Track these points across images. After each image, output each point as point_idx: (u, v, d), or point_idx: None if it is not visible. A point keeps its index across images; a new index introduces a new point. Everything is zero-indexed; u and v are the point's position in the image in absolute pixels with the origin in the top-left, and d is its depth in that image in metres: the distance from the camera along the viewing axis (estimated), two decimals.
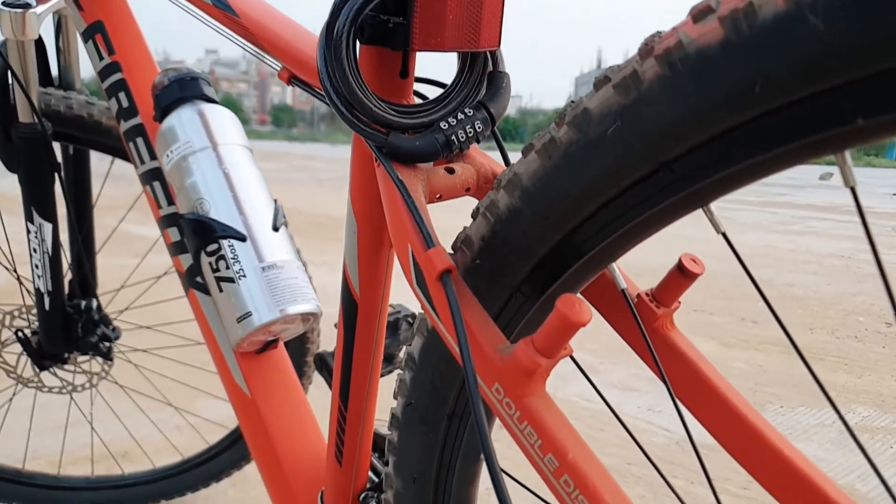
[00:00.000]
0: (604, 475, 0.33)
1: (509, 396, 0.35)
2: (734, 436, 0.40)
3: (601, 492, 0.32)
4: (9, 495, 1.32)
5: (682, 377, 0.41)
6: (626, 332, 0.43)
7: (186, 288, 0.74)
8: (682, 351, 0.42)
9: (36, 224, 1.02)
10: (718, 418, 0.40)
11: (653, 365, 0.42)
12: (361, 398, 0.58)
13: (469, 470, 0.50)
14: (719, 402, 0.40)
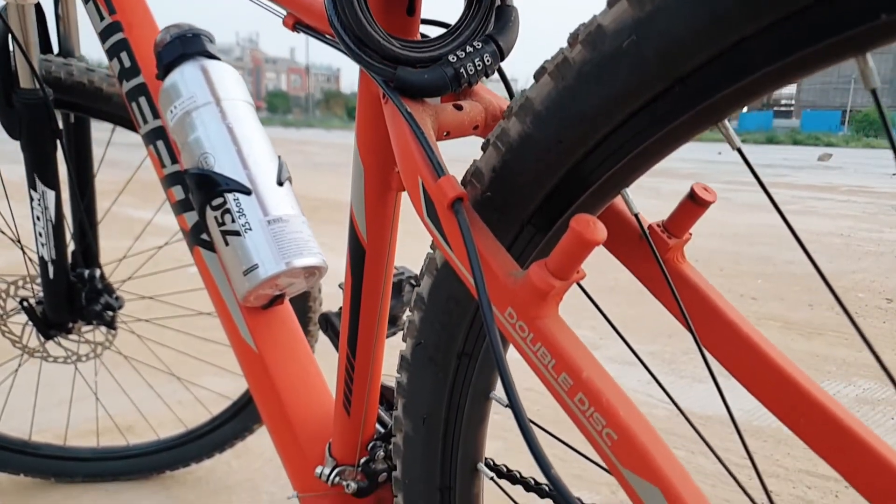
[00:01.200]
0: (618, 392, 0.33)
1: (522, 319, 0.35)
2: (748, 367, 0.40)
3: (616, 408, 0.32)
4: (15, 466, 1.33)
5: (695, 310, 0.41)
6: (637, 267, 0.43)
7: (191, 246, 0.74)
8: (695, 283, 0.42)
9: (39, 191, 1.02)
10: (732, 349, 0.40)
11: (666, 298, 0.42)
12: (369, 346, 0.58)
13: (478, 409, 0.50)
14: (732, 334, 0.41)
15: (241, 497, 1.36)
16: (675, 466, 0.31)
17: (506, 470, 0.59)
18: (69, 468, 1.37)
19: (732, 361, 0.41)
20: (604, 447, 0.33)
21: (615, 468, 0.33)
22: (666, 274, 0.39)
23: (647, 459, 0.31)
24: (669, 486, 0.31)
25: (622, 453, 0.32)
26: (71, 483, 1.38)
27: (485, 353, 0.48)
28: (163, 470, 1.41)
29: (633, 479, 0.32)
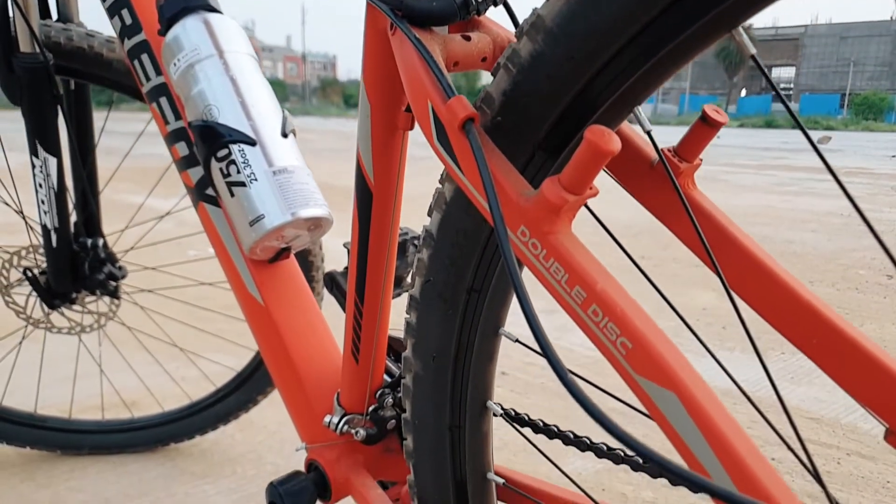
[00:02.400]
0: (631, 302, 0.33)
1: (535, 236, 0.35)
2: (765, 293, 0.40)
3: (630, 316, 0.32)
4: (22, 438, 1.33)
5: (709, 238, 0.41)
6: (648, 197, 0.43)
7: (196, 202, 0.74)
8: (708, 211, 0.41)
9: (41, 158, 1.02)
10: (748, 275, 0.40)
11: (679, 228, 0.42)
12: (378, 292, 0.58)
13: (487, 346, 0.51)
14: (747, 259, 0.40)
15: (245, 468, 1.37)
16: (689, 371, 0.31)
17: (514, 413, 0.59)
18: (75, 441, 1.38)
19: (748, 287, 0.41)
20: (618, 357, 0.33)
21: (630, 377, 0.33)
22: (683, 198, 0.39)
23: (662, 365, 0.31)
24: (685, 390, 0.31)
25: (637, 361, 0.32)
26: (77, 455, 1.39)
27: (494, 288, 0.48)
28: (167, 442, 1.42)
29: (648, 386, 0.32)
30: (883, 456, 1.51)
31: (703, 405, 0.30)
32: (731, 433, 0.30)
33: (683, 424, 0.31)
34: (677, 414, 0.31)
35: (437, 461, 0.54)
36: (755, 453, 0.29)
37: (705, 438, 0.30)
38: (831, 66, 49.87)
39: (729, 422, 0.30)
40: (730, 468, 0.29)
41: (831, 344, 0.39)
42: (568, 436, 0.55)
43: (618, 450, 0.54)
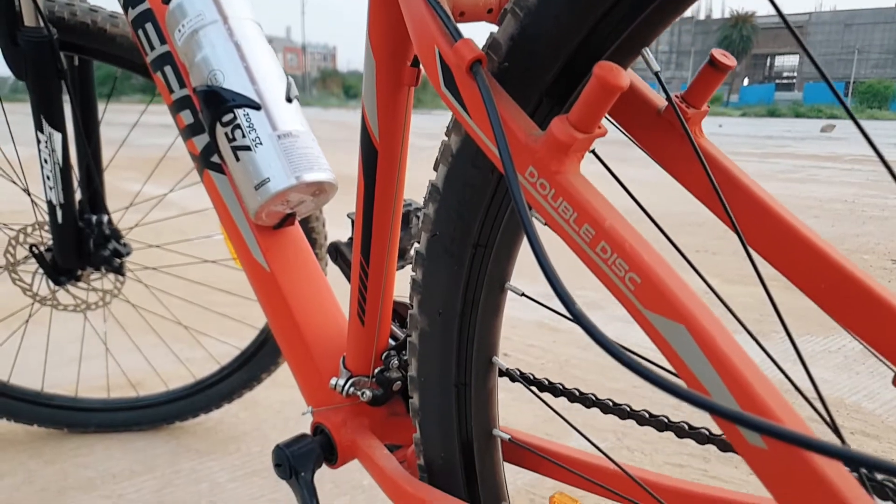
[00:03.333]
0: (639, 238, 0.33)
1: (543, 176, 0.35)
2: (776, 241, 0.40)
3: (638, 252, 0.32)
4: (29, 416, 1.34)
5: (719, 186, 0.41)
6: (655, 146, 0.43)
7: (201, 170, 0.74)
8: (717, 159, 0.41)
9: (46, 133, 1.02)
10: (755, 220, 0.40)
11: (687, 178, 0.42)
12: (383, 252, 0.58)
13: (493, 301, 0.51)
14: (754, 204, 0.40)
15: (250, 446, 1.38)
16: (697, 303, 0.32)
17: (519, 373, 0.60)
18: (81, 418, 1.39)
19: (757, 232, 0.41)
20: (626, 293, 0.33)
21: (638, 313, 0.33)
22: (693, 143, 0.39)
23: (671, 298, 0.32)
24: (693, 322, 0.31)
25: (645, 296, 0.32)
26: (83, 433, 1.40)
27: (500, 242, 0.48)
28: (172, 420, 1.42)
29: (656, 320, 0.32)
30: (887, 434, 1.51)
31: (711, 335, 0.30)
32: (739, 361, 0.30)
33: (692, 356, 0.31)
34: (686, 346, 0.31)
35: (442, 418, 0.55)
36: (764, 381, 0.30)
37: (714, 368, 0.30)
38: (836, 54, 49.58)
39: (737, 351, 0.30)
40: (739, 396, 0.29)
41: (840, 289, 0.39)
42: (573, 393, 0.56)
43: (623, 405, 0.54)
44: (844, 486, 0.27)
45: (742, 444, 0.30)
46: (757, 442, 0.29)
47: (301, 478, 0.62)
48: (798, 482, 0.28)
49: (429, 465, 0.57)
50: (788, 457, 0.28)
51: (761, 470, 0.29)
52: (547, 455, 0.55)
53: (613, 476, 0.52)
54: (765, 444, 0.29)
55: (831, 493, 0.27)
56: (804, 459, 0.27)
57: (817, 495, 0.27)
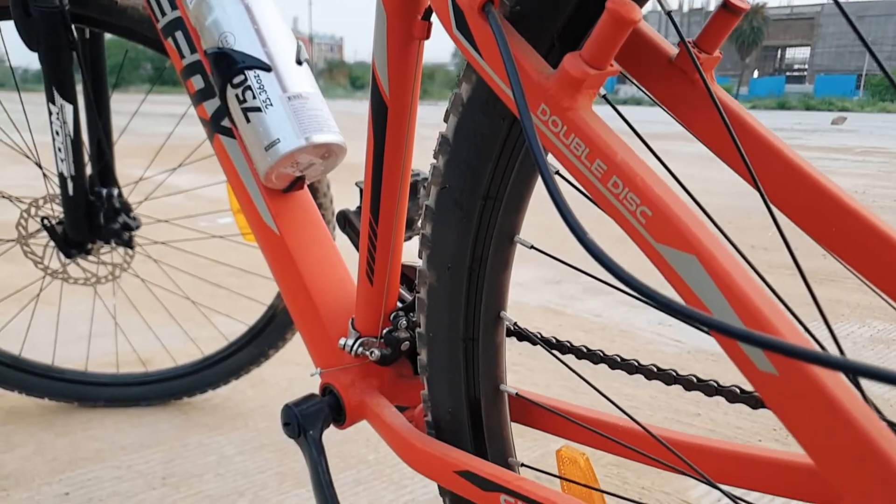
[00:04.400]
0: (650, 172, 0.33)
1: (555, 113, 0.35)
2: (787, 187, 0.40)
3: (649, 185, 0.32)
4: (40, 390, 1.36)
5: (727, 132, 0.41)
6: (665, 93, 0.43)
7: (212, 136, 0.74)
8: (728, 104, 0.41)
9: (57, 105, 1.02)
10: (770, 169, 0.40)
11: (698, 126, 0.42)
12: (392, 209, 0.58)
13: (502, 255, 0.51)
14: (770, 153, 0.40)
15: (257, 422, 1.39)
16: (707, 234, 0.32)
17: (527, 331, 0.60)
18: (91, 393, 1.40)
19: (773, 182, 0.40)
20: (638, 228, 0.33)
21: (649, 247, 0.33)
22: (709, 87, 0.39)
23: (682, 230, 0.32)
24: (704, 252, 0.31)
25: (656, 229, 0.32)
26: (93, 407, 1.41)
27: (509, 195, 0.48)
28: (180, 396, 1.43)
29: (667, 252, 0.32)
30: None
31: (722, 265, 0.31)
32: (750, 290, 0.30)
33: (704, 286, 0.31)
34: (697, 276, 0.31)
35: (451, 374, 0.55)
36: (776, 310, 0.30)
37: (725, 297, 0.30)
38: (847, 46, 49.11)
39: (748, 280, 0.30)
40: (750, 324, 0.29)
41: (850, 233, 0.38)
42: (581, 350, 0.56)
43: (631, 360, 0.54)
44: (855, 409, 0.27)
45: (753, 371, 0.30)
46: (768, 368, 0.29)
47: (309, 436, 0.62)
48: (809, 407, 0.28)
49: (437, 421, 0.58)
50: (799, 381, 0.28)
51: (772, 397, 0.30)
52: (555, 410, 0.55)
53: (623, 432, 0.52)
54: (775, 369, 0.29)
55: (842, 416, 0.27)
56: (814, 383, 0.28)
57: (828, 419, 0.27)
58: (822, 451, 0.28)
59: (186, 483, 1.17)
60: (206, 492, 1.15)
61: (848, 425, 0.27)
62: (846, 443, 0.27)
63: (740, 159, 0.40)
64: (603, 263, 0.28)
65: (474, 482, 0.49)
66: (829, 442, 0.28)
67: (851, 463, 0.27)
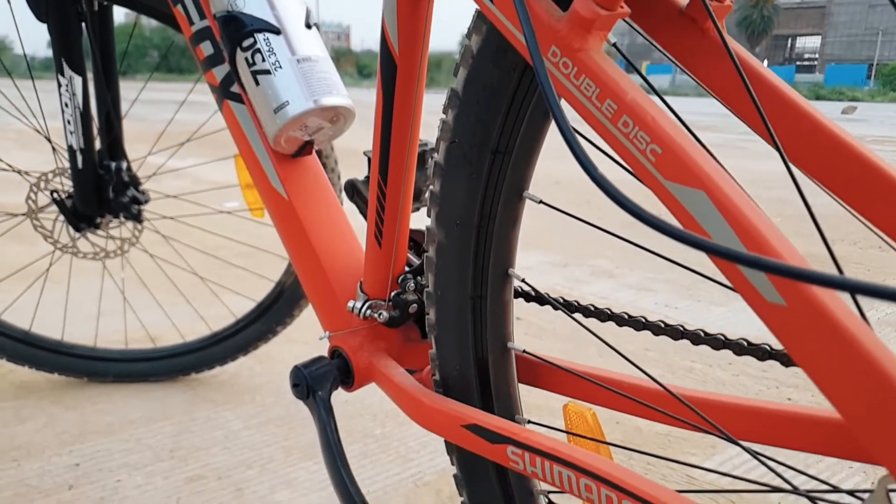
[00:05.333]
0: (659, 111, 0.33)
1: (566, 55, 0.35)
2: (802, 138, 0.40)
3: (660, 123, 0.33)
4: (50, 365, 1.37)
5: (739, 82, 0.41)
6: (675, 45, 0.42)
7: (220, 101, 0.74)
8: (740, 53, 0.41)
9: (66, 77, 1.02)
10: (785, 120, 0.40)
11: (708, 74, 0.42)
12: (401, 170, 0.59)
13: (511, 210, 0.51)
14: (784, 104, 0.40)
15: (265, 398, 1.40)
16: (716, 170, 0.32)
17: (534, 293, 0.60)
18: (100, 368, 1.41)
19: (788, 133, 0.40)
20: (647, 166, 0.34)
21: (659, 185, 0.33)
22: (723, 36, 0.38)
23: (691, 166, 0.32)
24: (713, 187, 0.31)
25: (666, 167, 0.33)
26: (102, 382, 1.42)
27: (518, 149, 0.48)
28: (189, 372, 1.44)
29: (677, 189, 0.32)
30: None
31: (730, 198, 0.31)
32: (759, 223, 0.30)
33: (713, 221, 0.31)
34: (706, 212, 0.31)
35: (459, 332, 0.55)
36: (786, 244, 0.30)
37: (734, 231, 0.30)
38: (859, 36, 48.62)
39: (757, 214, 0.30)
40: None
41: (873, 189, 0.38)
42: (589, 308, 0.56)
43: (639, 317, 0.55)
44: (865, 339, 0.27)
45: (761, 304, 0.30)
46: (776, 299, 0.29)
47: (318, 397, 0.63)
48: (818, 337, 0.28)
49: (444, 380, 0.58)
50: (807, 311, 0.28)
51: (782, 329, 0.30)
52: (559, 372, 0.56)
53: (636, 389, 0.52)
54: (784, 300, 0.29)
55: (852, 345, 0.27)
56: (823, 313, 0.28)
57: (838, 349, 0.28)
58: (831, 382, 0.28)
59: (194, 456, 1.18)
60: (213, 464, 1.16)
61: (858, 354, 0.27)
62: (855, 370, 0.27)
63: (755, 113, 0.40)
64: (611, 195, 0.28)
65: (482, 435, 0.49)
66: (838, 371, 0.28)
67: (861, 391, 0.27)
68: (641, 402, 0.49)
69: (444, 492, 1.08)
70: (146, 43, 35.02)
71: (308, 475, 1.13)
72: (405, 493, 1.08)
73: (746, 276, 0.30)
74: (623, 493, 0.39)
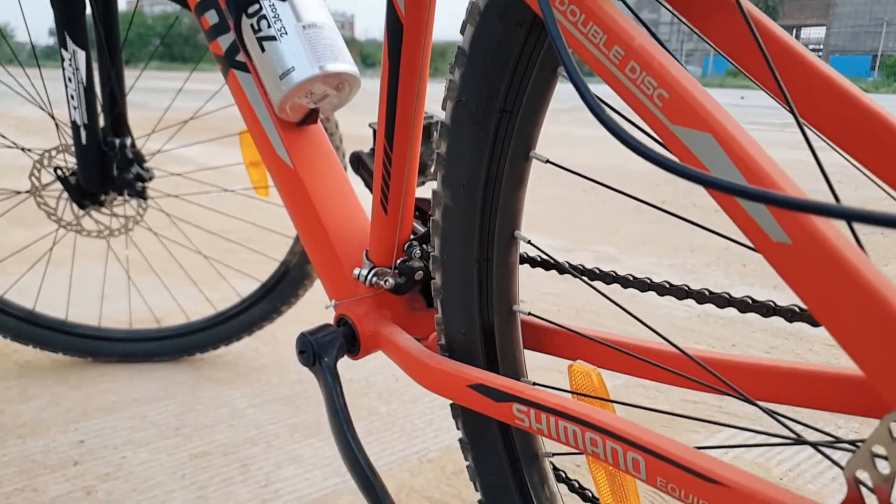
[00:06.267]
0: (666, 56, 0.34)
1: (573, 3, 0.35)
2: (811, 96, 0.40)
3: (666, 67, 0.33)
4: (54, 344, 1.37)
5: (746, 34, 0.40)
6: (682, 4, 0.42)
7: (226, 71, 0.74)
8: (747, 7, 0.41)
9: (70, 51, 1.02)
10: (794, 77, 0.40)
11: (711, 27, 0.41)
12: (406, 134, 0.59)
13: (518, 172, 0.51)
14: (793, 60, 0.40)
15: (270, 378, 1.40)
16: (723, 113, 0.32)
17: (539, 259, 0.60)
18: (104, 348, 1.42)
19: (797, 89, 0.40)
20: (654, 111, 0.34)
21: (666, 130, 0.33)
22: None
23: (698, 109, 0.32)
24: (720, 129, 0.31)
25: (673, 111, 0.33)
26: (107, 362, 1.43)
27: (525, 108, 0.48)
28: (193, 352, 1.45)
29: (684, 133, 0.32)
30: None
31: (738, 141, 0.31)
32: (765, 165, 0.30)
33: (720, 163, 0.31)
34: (714, 154, 0.31)
35: (464, 296, 0.55)
36: (792, 184, 0.30)
37: (741, 173, 0.30)
38: (863, 26, 48.32)
39: (762, 154, 0.30)
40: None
41: (887, 149, 0.38)
42: (594, 272, 0.56)
43: (645, 278, 0.55)
44: (871, 275, 0.27)
45: (767, 244, 0.30)
46: (781, 237, 0.29)
47: (324, 363, 0.63)
48: (824, 274, 0.28)
49: (450, 344, 0.58)
50: (813, 249, 0.28)
51: (787, 268, 0.30)
52: (564, 334, 0.56)
53: (642, 351, 0.52)
54: (789, 237, 0.29)
55: (858, 281, 0.27)
56: (828, 250, 0.28)
57: (844, 286, 0.28)
58: (838, 319, 0.28)
59: (199, 433, 1.19)
60: (218, 441, 1.17)
61: (863, 290, 0.27)
62: (861, 306, 0.27)
63: (765, 68, 0.40)
64: (614, 132, 0.28)
65: (487, 394, 0.50)
66: (845, 308, 0.28)
67: (868, 326, 0.27)
68: (654, 364, 0.49)
69: (449, 468, 1.09)
70: (149, 32, 34.95)
71: (313, 451, 1.13)
72: (410, 469, 1.09)
73: (752, 216, 0.30)
74: (629, 444, 0.40)
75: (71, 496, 1.01)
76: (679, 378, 0.49)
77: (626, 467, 0.40)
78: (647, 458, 0.39)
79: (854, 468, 0.30)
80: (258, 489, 1.03)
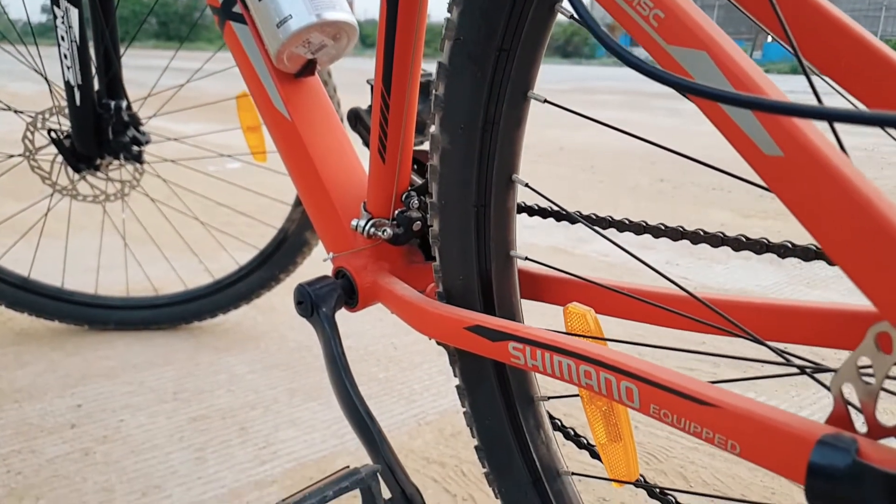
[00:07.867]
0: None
1: None
2: (817, 37, 0.40)
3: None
4: (50, 312, 1.37)
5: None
6: None
7: (222, 23, 0.74)
8: None
9: (62, 8, 1.01)
10: (798, 19, 0.40)
11: None
12: (404, 79, 0.58)
13: (516, 112, 0.51)
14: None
15: (268, 345, 1.41)
16: (717, 31, 0.32)
17: (537, 207, 0.61)
18: (101, 315, 1.42)
19: (802, 32, 0.40)
20: (650, 32, 0.34)
21: (661, 50, 0.34)
22: None
23: (693, 28, 0.32)
24: (715, 47, 0.31)
25: (669, 31, 0.33)
26: (104, 330, 1.43)
27: (523, 47, 0.48)
28: (191, 320, 1.45)
29: (679, 52, 0.33)
30: None
31: (731, 56, 0.31)
32: (758, 79, 0.30)
33: (714, 80, 0.31)
34: (708, 71, 0.32)
35: (462, 241, 0.56)
36: (782, 96, 0.30)
37: (734, 88, 0.31)
38: (863, 11, 48.06)
39: (756, 70, 0.31)
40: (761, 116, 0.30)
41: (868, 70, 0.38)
42: (591, 217, 0.57)
43: (642, 222, 0.55)
44: (862, 186, 0.28)
45: (760, 158, 0.30)
46: (773, 151, 0.30)
47: (322, 313, 0.64)
48: (816, 186, 0.29)
49: (448, 291, 0.59)
50: (805, 160, 0.29)
51: (780, 182, 0.30)
52: (559, 280, 0.56)
53: (648, 295, 0.53)
54: (781, 150, 0.29)
55: (849, 192, 0.28)
56: (820, 162, 0.28)
57: (836, 197, 0.28)
58: (829, 230, 0.29)
59: (198, 398, 1.20)
60: (217, 405, 1.17)
61: (854, 200, 0.28)
62: (852, 216, 0.28)
63: (769, 8, 0.40)
64: (609, 47, 0.28)
65: (484, 335, 0.50)
66: (836, 218, 0.28)
67: (859, 237, 0.28)
68: (656, 305, 0.50)
69: (447, 430, 1.10)
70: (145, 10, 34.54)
71: (312, 414, 1.14)
72: (408, 432, 1.10)
73: (744, 131, 0.30)
74: (622, 374, 0.40)
75: (69, 457, 1.02)
76: (683, 320, 0.50)
77: (620, 397, 0.41)
78: (639, 386, 0.39)
79: (840, 382, 0.31)
80: (256, 451, 1.04)
